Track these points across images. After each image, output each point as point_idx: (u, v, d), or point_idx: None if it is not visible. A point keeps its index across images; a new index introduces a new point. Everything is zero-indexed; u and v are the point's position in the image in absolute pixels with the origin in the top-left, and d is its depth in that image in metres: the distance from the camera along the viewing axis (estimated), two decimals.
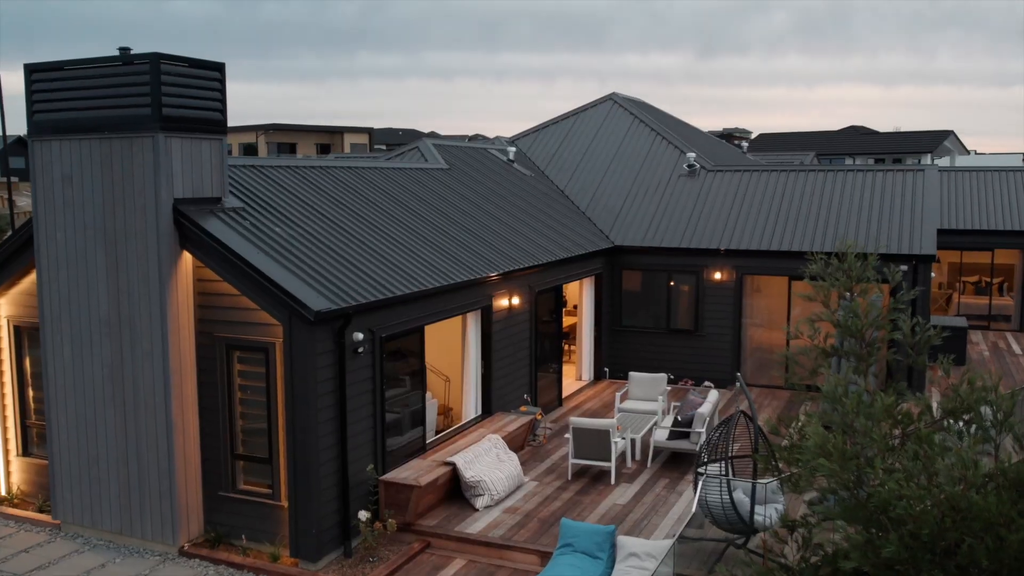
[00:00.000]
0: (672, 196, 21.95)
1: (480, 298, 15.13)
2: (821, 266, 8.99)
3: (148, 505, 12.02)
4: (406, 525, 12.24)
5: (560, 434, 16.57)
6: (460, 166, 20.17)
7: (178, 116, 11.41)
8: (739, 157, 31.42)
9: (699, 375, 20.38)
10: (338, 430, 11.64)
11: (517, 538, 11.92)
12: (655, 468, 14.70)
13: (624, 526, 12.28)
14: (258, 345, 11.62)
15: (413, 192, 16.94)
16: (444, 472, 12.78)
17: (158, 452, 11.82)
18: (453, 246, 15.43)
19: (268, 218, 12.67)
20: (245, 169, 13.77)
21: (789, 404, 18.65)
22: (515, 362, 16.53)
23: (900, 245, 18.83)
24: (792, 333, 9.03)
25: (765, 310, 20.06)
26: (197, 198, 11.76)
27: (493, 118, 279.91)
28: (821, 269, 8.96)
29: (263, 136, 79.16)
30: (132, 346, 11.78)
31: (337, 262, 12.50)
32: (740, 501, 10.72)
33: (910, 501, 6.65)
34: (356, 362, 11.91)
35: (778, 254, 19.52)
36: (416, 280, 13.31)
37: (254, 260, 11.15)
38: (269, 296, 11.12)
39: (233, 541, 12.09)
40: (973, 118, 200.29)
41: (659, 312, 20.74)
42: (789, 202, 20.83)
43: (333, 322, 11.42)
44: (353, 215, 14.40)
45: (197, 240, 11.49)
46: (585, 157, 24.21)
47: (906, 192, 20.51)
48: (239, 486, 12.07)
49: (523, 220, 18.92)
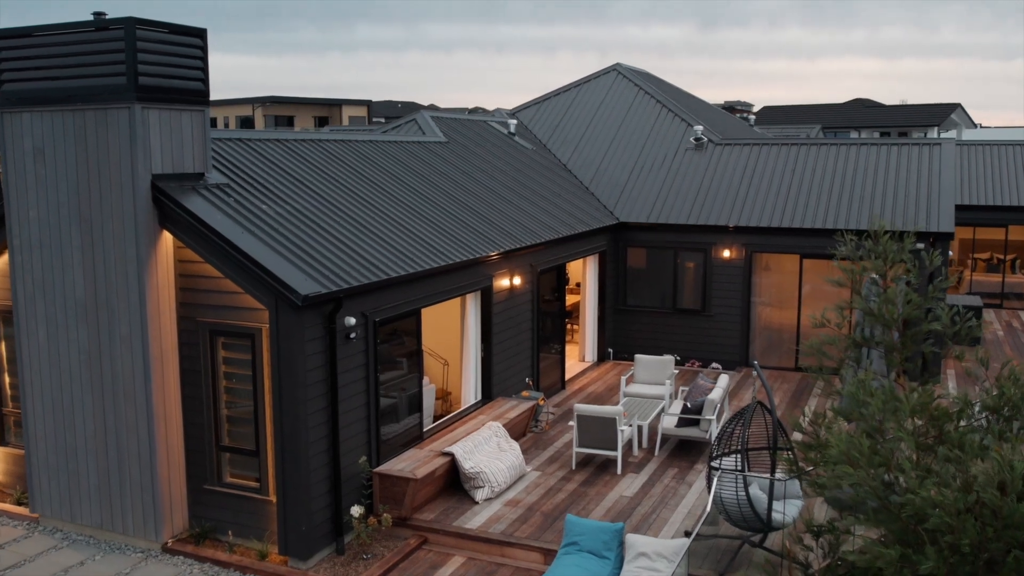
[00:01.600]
0: (679, 171, 21.18)
1: (480, 278, 14.42)
2: (852, 248, 8.24)
3: (129, 499, 11.37)
4: (402, 519, 11.61)
5: (563, 420, 15.92)
6: (459, 139, 19.38)
7: (156, 86, 10.64)
8: (747, 130, 30.59)
9: (706, 356, 19.71)
10: (329, 420, 10.96)
11: (519, 534, 11.28)
12: (663, 456, 14.05)
13: (632, 521, 11.64)
14: (243, 331, 10.92)
15: (410, 167, 16.18)
16: (442, 463, 12.13)
17: (138, 443, 11.16)
18: (451, 224, 14.69)
19: (255, 195, 11.92)
20: (231, 143, 13.01)
21: (800, 387, 18.00)
22: (516, 345, 15.84)
23: (916, 222, 18.09)
24: (817, 320, 8.31)
25: (776, 289, 19.35)
26: (177, 174, 11.01)
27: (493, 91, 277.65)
28: (852, 251, 8.22)
29: (260, 109, 78.18)
30: (110, 331, 11.08)
31: (328, 242, 11.77)
32: (757, 498, 10.06)
33: (947, 510, 5.98)
34: (348, 348, 11.22)
35: (789, 231, 18.79)
36: (412, 260, 12.59)
37: (237, 240, 10.42)
38: (254, 279, 10.40)
39: (220, 537, 11.46)
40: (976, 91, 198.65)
41: (665, 291, 20.03)
42: (800, 177, 20.06)
43: (323, 306, 10.71)
44: (346, 191, 13.65)
45: (177, 219, 10.76)
46: (588, 130, 23.40)
47: (922, 167, 19.74)
48: (225, 479, 11.41)
49: (524, 196, 18.17)
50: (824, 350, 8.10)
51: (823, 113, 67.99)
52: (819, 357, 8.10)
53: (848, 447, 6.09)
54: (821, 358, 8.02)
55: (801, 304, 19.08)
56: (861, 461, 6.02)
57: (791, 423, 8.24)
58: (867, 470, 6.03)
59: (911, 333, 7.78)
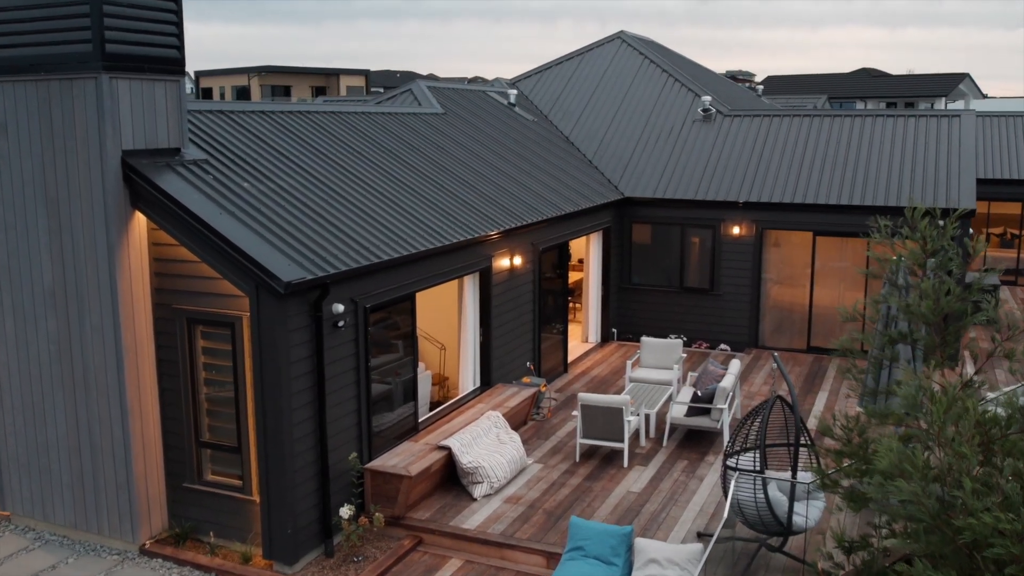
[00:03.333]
0: (686, 143, 20.30)
1: (478, 259, 13.62)
2: (887, 233, 7.44)
3: (104, 498, 10.65)
4: (395, 519, 10.90)
5: (566, 406, 15.19)
6: (456, 110, 18.50)
7: (125, 54, 9.78)
8: (755, 101, 29.63)
9: (714, 337, 18.96)
10: (316, 415, 10.22)
11: (520, 535, 10.57)
12: (671, 447, 13.33)
13: (640, 520, 10.93)
14: (223, 319, 10.14)
15: (404, 140, 15.33)
16: (438, 457, 11.40)
17: (112, 439, 10.42)
18: (448, 201, 13.87)
19: (236, 172, 11.10)
20: (211, 115, 12.15)
21: (813, 370, 17.26)
22: (517, 328, 15.07)
23: (936, 198, 17.26)
24: (847, 314, 7.53)
25: (788, 268, 18.54)
26: (150, 149, 10.18)
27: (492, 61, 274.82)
28: (887, 237, 7.42)
29: (256, 79, 77.01)
30: (80, 320, 10.31)
31: (315, 222, 10.96)
32: (776, 500, 9.33)
33: (1013, 539, 5.23)
34: (336, 337, 10.45)
35: (802, 207, 17.96)
36: (406, 242, 11.79)
37: (214, 222, 9.62)
38: (232, 264, 9.61)
39: (201, 538, 10.76)
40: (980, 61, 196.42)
41: (672, 269, 19.23)
42: (814, 150, 19.19)
43: (308, 293, 9.93)
44: (336, 168, 12.81)
45: (150, 198, 9.94)
46: (592, 101, 22.49)
47: (940, 139, 18.87)
48: (206, 477, 10.69)
49: (525, 170, 17.33)
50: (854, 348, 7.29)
51: (829, 83, 66.80)
52: (851, 357, 7.31)
53: (899, 458, 5.33)
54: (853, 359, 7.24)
55: (814, 284, 18.30)
56: (914, 475, 5.27)
57: (820, 428, 7.48)
58: (921, 484, 5.28)
59: (953, 328, 7.01)
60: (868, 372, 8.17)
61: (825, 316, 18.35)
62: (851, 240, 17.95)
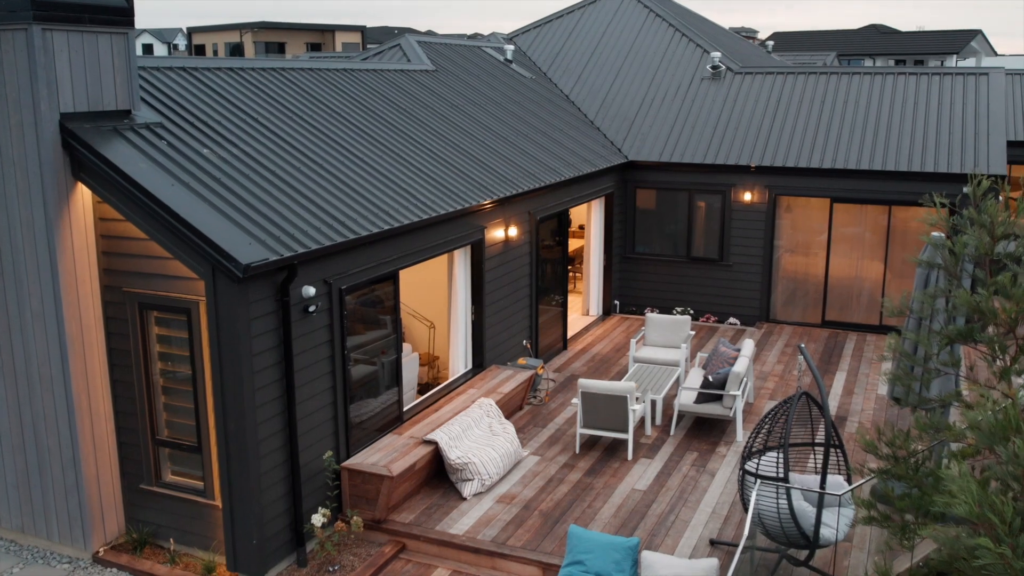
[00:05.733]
0: (694, 103, 19.00)
1: (470, 231, 12.46)
2: (945, 215, 6.26)
3: (52, 501, 9.61)
4: (376, 522, 9.86)
5: (565, 388, 14.11)
6: (448, 67, 17.20)
7: (61, 2, 8.54)
8: (766, 58, 28.20)
9: (723, 310, 17.84)
10: (284, 410, 9.13)
11: (513, 541, 9.53)
12: (679, 436, 12.27)
13: (646, 523, 9.89)
14: (178, 304, 9.01)
15: (390, 99, 14.07)
16: (424, 453, 10.34)
17: (59, 437, 9.35)
18: (437, 167, 12.67)
19: (195, 136, 9.89)
20: (169, 72, 10.91)
21: (829, 346, 16.16)
22: (512, 304, 13.95)
23: (964, 163, 16.03)
24: (893, 308, 6.39)
25: (803, 236, 17.36)
26: (94, 112, 8.97)
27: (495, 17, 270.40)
28: (945, 218, 6.24)
29: (250, 35, 75.20)
30: (19, 307, 9.18)
31: (285, 194, 9.78)
32: (802, 512, 8.27)
33: None
34: (307, 324, 9.33)
35: (819, 172, 16.74)
36: (388, 215, 10.62)
37: (162, 195, 8.43)
38: (184, 243, 8.45)
39: (161, 543, 9.73)
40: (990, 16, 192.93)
41: (678, 238, 18.06)
42: (831, 110, 17.91)
43: (273, 275, 8.79)
44: (311, 131, 11.59)
45: (92, 168, 8.75)
46: (594, 57, 21.14)
47: (967, 99, 17.58)
48: (165, 479, 9.63)
49: (522, 132, 16.08)
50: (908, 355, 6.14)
51: (837, 40, 64.96)
52: (904, 360, 6.19)
53: (981, 504, 4.24)
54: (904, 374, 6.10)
55: (830, 254, 17.13)
56: (1001, 529, 4.18)
57: (863, 443, 6.38)
58: (1009, 540, 4.19)
59: None
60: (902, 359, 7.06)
61: (841, 288, 17.21)
62: (870, 207, 16.76)
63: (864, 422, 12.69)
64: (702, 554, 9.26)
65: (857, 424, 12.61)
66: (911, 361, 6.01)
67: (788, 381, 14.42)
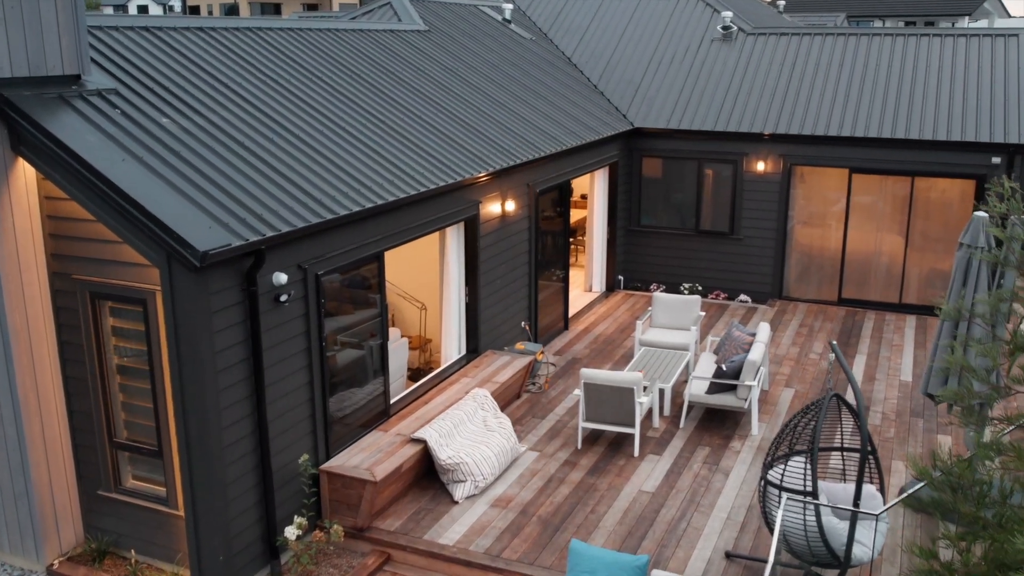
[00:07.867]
0: (704, 66, 17.90)
1: (463, 206, 11.47)
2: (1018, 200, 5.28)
3: (1, 509, 8.72)
4: (358, 530, 8.99)
5: (566, 373, 13.19)
6: (442, 27, 16.09)
7: None
8: (778, 18, 26.96)
9: (733, 287, 16.89)
10: (254, 411, 8.21)
11: (509, 553, 8.66)
12: (689, 429, 11.37)
13: (655, 533, 9.00)
14: (132, 294, 8.06)
15: (377, 62, 13.01)
16: (411, 453, 9.44)
17: (5, 439, 8.44)
18: (428, 137, 11.64)
19: (155, 105, 8.86)
20: (130, 32, 9.85)
21: (846, 326, 15.22)
22: (510, 284, 12.99)
23: (993, 131, 14.99)
24: (948, 313, 5.43)
25: (819, 209, 16.35)
26: (36, 77, 7.96)
27: None
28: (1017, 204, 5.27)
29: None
30: None
31: (256, 169, 8.78)
32: (832, 529, 7.37)
33: None
34: (279, 314, 8.38)
35: (837, 140, 15.70)
36: (372, 191, 9.62)
37: (110, 172, 7.44)
38: (135, 227, 7.47)
39: (124, 553, 8.86)
40: None
41: (686, 210, 17.05)
42: (849, 74, 16.81)
43: (238, 262, 7.82)
44: (287, 98, 10.56)
45: (33, 142, 7.76)
46: (597, 16, 19.98)
47: (997, 62, 16.48)
48: (125, 484, 8.74)
49: (521, 98, 15.02)
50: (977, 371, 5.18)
51: (847, 0, 63.23)
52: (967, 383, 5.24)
53: None
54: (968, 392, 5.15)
55: (848, 228, 16.14)
56: None
57: (910, 464, 5.46)
58: None
59: None
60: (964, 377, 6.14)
61: (859, 264, 16.24)
62: (891, 178, 15.74)
63: (888, 412, 11.79)
64: (717, 569, 8.39)
65: (881, 415, 11.70)
66: (976, 377, 5.07)
67: (804, 366, 13.50)
